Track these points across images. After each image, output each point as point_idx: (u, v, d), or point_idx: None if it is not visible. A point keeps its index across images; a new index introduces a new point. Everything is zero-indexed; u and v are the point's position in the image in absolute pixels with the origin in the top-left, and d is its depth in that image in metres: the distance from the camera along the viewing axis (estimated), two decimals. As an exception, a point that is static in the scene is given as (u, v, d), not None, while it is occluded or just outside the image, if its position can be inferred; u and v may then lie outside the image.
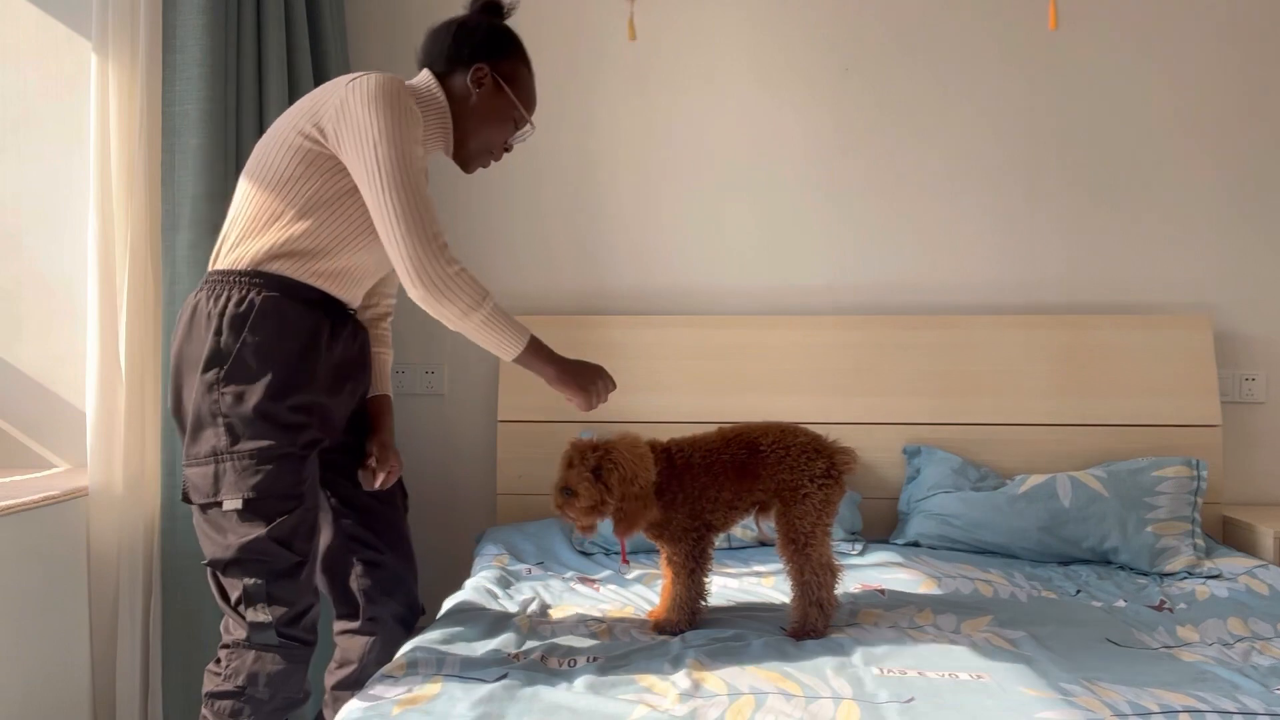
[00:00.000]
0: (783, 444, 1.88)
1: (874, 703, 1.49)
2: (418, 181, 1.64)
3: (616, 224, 2.92)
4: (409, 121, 1.66)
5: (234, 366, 1.65)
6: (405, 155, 1.63)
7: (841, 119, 2.89)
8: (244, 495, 1.63)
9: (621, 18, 2.62)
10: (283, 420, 1.66)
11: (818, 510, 1.86)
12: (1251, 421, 2.85)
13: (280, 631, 1.67)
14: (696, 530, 1.88)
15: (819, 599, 1.84)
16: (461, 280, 1.64)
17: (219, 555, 1.66)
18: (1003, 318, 2.80)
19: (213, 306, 1.68)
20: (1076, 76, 2.86)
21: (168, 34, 2.29)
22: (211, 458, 1.65)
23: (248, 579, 1.65)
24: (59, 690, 2.18)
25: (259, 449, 1.64)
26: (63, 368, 2.43)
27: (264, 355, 1.66)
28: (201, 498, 1.67)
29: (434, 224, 1.64)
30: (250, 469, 1.63)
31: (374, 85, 1.65)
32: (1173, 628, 1.96)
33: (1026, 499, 2.50)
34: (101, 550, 2.27)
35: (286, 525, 1.66)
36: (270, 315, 1.67)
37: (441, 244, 1.64)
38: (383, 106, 1.63)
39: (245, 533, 1.64)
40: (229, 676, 1.68)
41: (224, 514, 1.65)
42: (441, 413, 2.91)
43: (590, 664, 1.67)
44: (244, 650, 1.67)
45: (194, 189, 2.27)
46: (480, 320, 1.67)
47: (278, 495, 1.65)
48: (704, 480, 1.86)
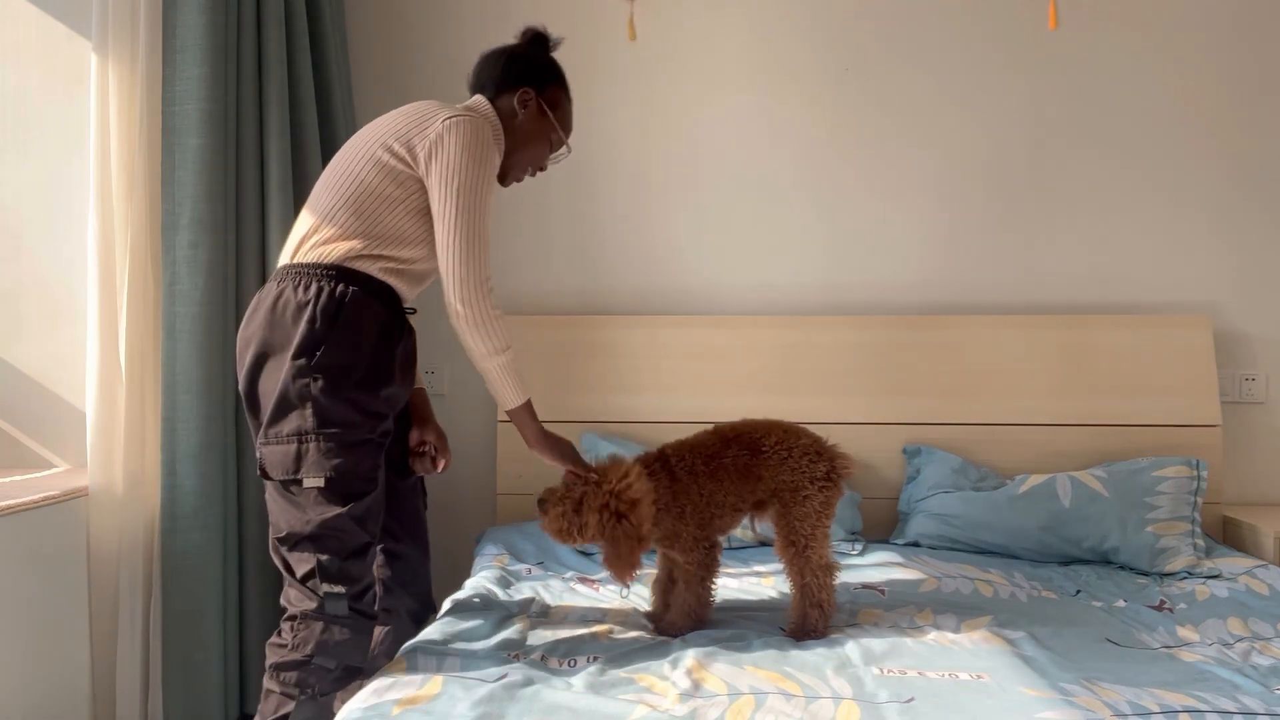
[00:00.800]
0: (785, 445, 1.88)
1: (874, 703, 1.49)
2: (483, 225, 1.80)
3: (616, 224, 2.92)
4: (491, 170, 1.83)
5: (327, 354, 1.73)
6: (480, 201, 1.80)
7: (841, 119, 2.89)
8: (326, 475, 1.71)
9: (621, 18, 2.62)
10: (368, 408, 1.76)
11: (818, 512, 1.86)
12: (1251, 421, 2.85)
13: (351, 605, 1.73)
14: (708, 539, 1.87)
15: (819, 600, 1.84)
16: (498, 324, 1.80)
17: (296, 529, 1.73)
18: (1003, 318, 2.80)
19: (303, 296, 1.76)
20: (1076, 76, 2.86)
21: (168, 34, 2.29)
22: (295, 437, 1.73)
23: (323, 555, 1.72)
24: (59, 690, 2.18)
25: (343, 434, 1.73)
26: (63, 368, 2.43)
27: (355, 346, 1.76)
28: (282, 474, 1.74)
29: (486, 266, 1.80)
30: (333, 451, 1.72)
31: (470, 134, 1.80)
32: (1173, 628, 1.96)
33: (1026, 499, 2.50)
34: (101, 550, 2.27)
35: (362, 506, 1.75)
36: (360, 309, 1.77)
37: (489, 285, 1.80)
38: (475, 155, 1.79)
39: (324, 511, 1.72)
40: (296, 646, 1.72)
41: (304, 491, 1.73)
42: (441, 413, 2.88)
43: (590, 664, 1.67)
44: (312, 621, 1.73)
45: (194, 189, 2.27)
46: (500, 364, 1.82)
47: (358, 477, 1.74)
48: (710, 486, 1.85)
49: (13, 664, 2.05)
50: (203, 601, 2.28)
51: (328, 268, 1.77)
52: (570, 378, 2.77)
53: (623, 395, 2.77)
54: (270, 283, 1.83)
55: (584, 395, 2.78)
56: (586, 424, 2.75)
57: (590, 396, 2.77)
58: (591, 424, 2.75)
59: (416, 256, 1.84)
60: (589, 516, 1.77)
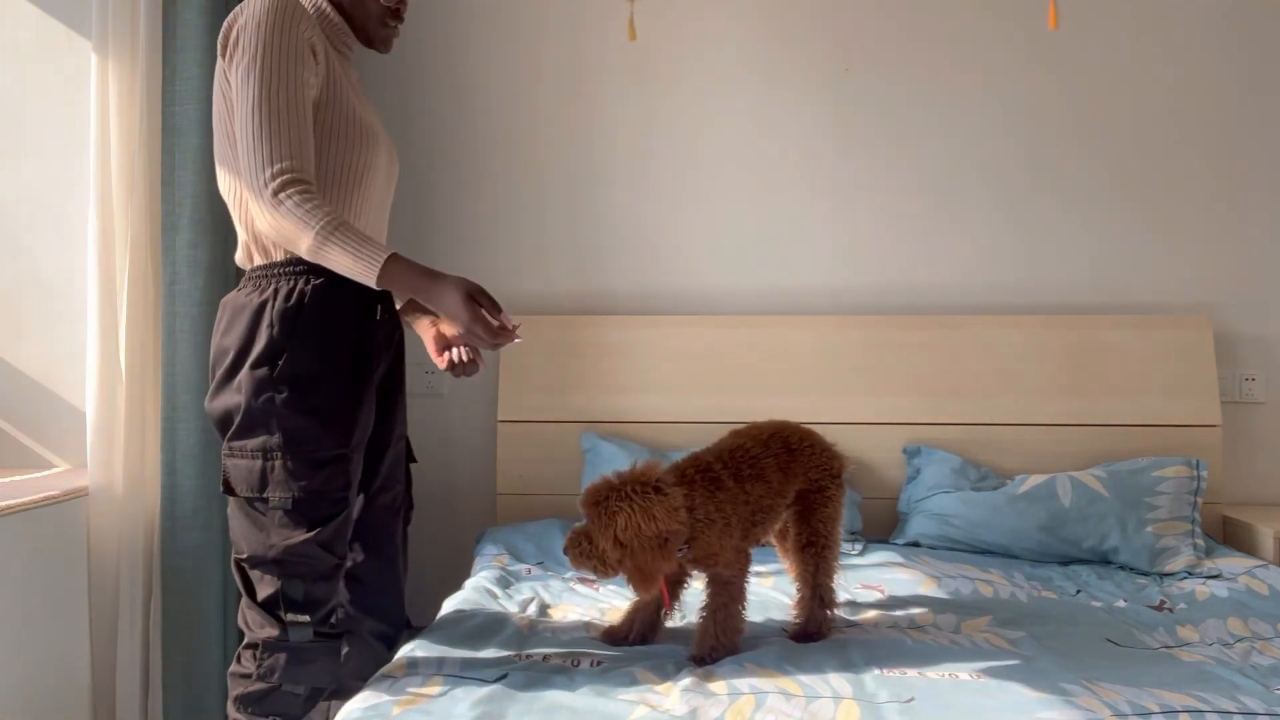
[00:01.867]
0: (808, 442, 1.86)
1: (874, 703, 1.49)
2: (281, 104, 1.58)
3: (616, 224, 2.91)
4: (288, 39, 1.60)
5: (288, 363, 1.61)
6: (274, 76, 1.58)
7: (841, 118, 2.89)
8: (294, 495, 1.60)
9: (621, 18, 2.62)
10: (340, 419, 1.64)
11: (837, 512, 1.86)
12: (1251, 421, 2.85)
13: (316, 630, 1.64)
14: (746, 550, 1.76)
15: (830, 601, 1.84)
16: (296, 211, 1.55)
17: (259, 553, 1.62)
18: (1003, 318, 2.80)
19: (258, 299, 1.64)
20: (1076, 77, 2.86)
21: (168, 34, 2.29)
22: (261, 453, 1.61)
23: (288, 581, 1.61)
24: (59, 690, 2.18)
25: (310, 450, 1.61)
26: (63, 368, 2.43)
27: (321, 351, 1.63)
28: (246, 491, 1.63)
29: (281, 153, 1.57)
30: (300, 471, 1.60)
31: (259, 7, 1.61)
32: (1173, 628, 1.96)
33: (1026, 499, 2.50)
34: (101, 550, 2.27)
35: (329, 530, 1.62)
36: (321, 306, 1.64)
37: (284, 173, 1.56)
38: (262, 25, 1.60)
39: (289, 535, 1.60)
40: (262, 676, 1.63)
41: (269, 511, 1.61)
42: (441, 413, 2.91)
43: (591, 664, 1.67)
44: (276, 651, 1.63)
45: (194, 189, 2.27)
46: (316, 246, 1.55)
47: (326, 499, 1.62)
48: (759, 490, 1.75)
49: (13, 664, 2.05)
50: (203, 601, 2.28)
51: (279, 265, 1.65)
52: (570, 378, 2.77)
53: (623, 395, 2.77)
54: (228, 295, 1.74)
55: (584, 395, 2.78)
56: (586, 424, 2.75)
57: (590, 396, 2.77)
58: (591, 424, 2.75)
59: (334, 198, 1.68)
60: (600, 541, 1.61)
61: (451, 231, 2.90)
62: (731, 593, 1.72)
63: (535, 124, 2.91)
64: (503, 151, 2.92)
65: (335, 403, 1.64)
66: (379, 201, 1.81)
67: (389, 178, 1.85)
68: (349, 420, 1.65)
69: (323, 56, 1.69)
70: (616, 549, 1.60)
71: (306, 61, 1.63)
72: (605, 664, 1.67)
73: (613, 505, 1.61)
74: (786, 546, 1.91)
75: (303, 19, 1.65)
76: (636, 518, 1.59)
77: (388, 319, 1.77)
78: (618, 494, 1.61)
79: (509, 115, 2.91)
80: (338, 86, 1.71)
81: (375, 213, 1.81)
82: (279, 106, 1.58)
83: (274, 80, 1.59)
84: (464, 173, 2.90)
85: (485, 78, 2.89)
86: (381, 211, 1.85)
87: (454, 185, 2.88)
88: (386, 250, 1.57)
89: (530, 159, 2.90)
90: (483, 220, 2.91)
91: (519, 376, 2.79)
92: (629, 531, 1.58)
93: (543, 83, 2.91)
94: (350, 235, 1.56)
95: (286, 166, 1.57)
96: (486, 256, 2.91)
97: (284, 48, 1.60)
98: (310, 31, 1.66)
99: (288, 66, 1.60)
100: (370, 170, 1.75)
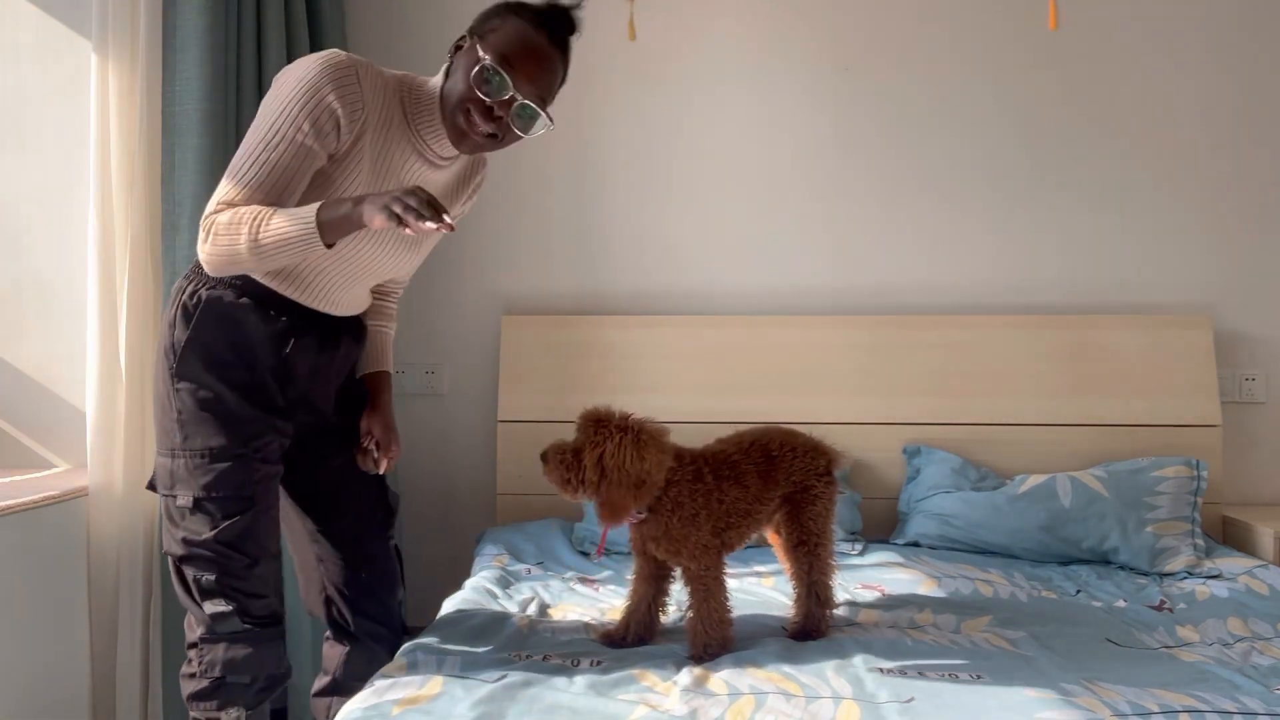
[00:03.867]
0: (789, 446, 1.86)
1: (874, 703, 1.49)
2: (260, 157, 1.52)
3: (616, 224, 2.91)
4: (298, 99, 1.52)
5: (183, 360, 1.63)
6: (270, 133, 1.52)
7: (841, 119, 2.89)
8: (194, 494, 1.62)
9: (621, 18, 2.62)
10: (231, 419, 1.63)
11: (827, 510, 1.86)
12: (1251, 421, 2.85)
13: (243, 619, 1.65)
14: (721, 545, 1.78)
15: (825, 599, 1.84)
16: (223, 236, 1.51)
17: (173, 550, 1.66)
18: (1003, 318, 2.80)
19: (175, 297, 1.66)
20: (1076, 77, 2.86)
21: (168, 34, 2.29)
22: (169, 451, 1.65)
23: (200, 575, 1.63)
24: (59, 689, 2.18)
25: (208, 448, 1.62)
26: (63, 368, 2.43)
27: (209, 351, 1.63)
28: (162, 489, 1.67)
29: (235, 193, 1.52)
30: (202, 467, 1.62)
31: (286, 71, 1.57)
32: (1173, 628, 1.96)
33: (1026, 499, 2.50)
34: (101, 550, 2.27)
35: (236, 528, 1.62)
36: (215, 310, 1.63)
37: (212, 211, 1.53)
38: (283, 83, 1.55)
39: (195, 531, 1.63)
40: (204, 672, 1.65)
41: (178, 508, 1.64)
42: (441, 413, 2.91)
43: (591, 664, 1.67)
44: (211, 644, 1.65)
45: (194, 189, 2.26)
46: (255, 243, 1.50)
47: (227, 497, 1.62)
48: (736, 493, 1.78)
49: (13, 664, 2.05)
50: (203, 601, 2.27)
51: (195, 266, 1.65)
52: (570, 378, 2.77)
53: (623, 395, 2.74)
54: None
55: (584, 395, 2.75)
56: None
57: (590, 397, 2.75)
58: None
59: None
60: (587, 458, 1.64)
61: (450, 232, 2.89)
62: (708, 586, 1.74)
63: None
64: (502, 151, 2.89)
65: (228, 405, 1.64)
66: (347, 278, 1.71)
67: (374, 266, 1.72)
68: (245, 422, 1.64)
69: (356, 132, 1.58)
70: (596, 472, 1.64)
71: (323, 131, 1.54)
72: (605, 664, 1.67)
73: (611, 431, 1.65)
74: (782, 547, 1.92)
75: (346, 89, 1.54)
76: (628, 452, 1.63)
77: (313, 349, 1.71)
78: (619, 425, 1.67)
79: (509, 115, 2.90)
80: (359, 165, 1.61)
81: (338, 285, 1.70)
82: (258, 154, 1.53)
83: (271, 130, 1.53)
84: (464, 173, 2.89)
85: (485, 78, 2.88)
86: (352, 283, 1.73)
87: (454, 185, 2.88)
88: (311, 209, 1.49)
89: (530, 159, 2.90)
90: (482, 220, 2.91)
91: (519, 376, 2.79)
92: (614, 461, 1.63)
93: (543, 83, 2.90)
94: (278, 216, 1.49)
95: (225, 201, 1.54)
96: (486, 256, 2.91)
97: (297, 107, 1.52)
98: (348, 105, 1.55)
99: (288, 124, 1.52)
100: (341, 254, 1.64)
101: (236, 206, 1.53)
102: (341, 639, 1.90)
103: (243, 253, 1.51)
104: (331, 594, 1.88)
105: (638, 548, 1.80)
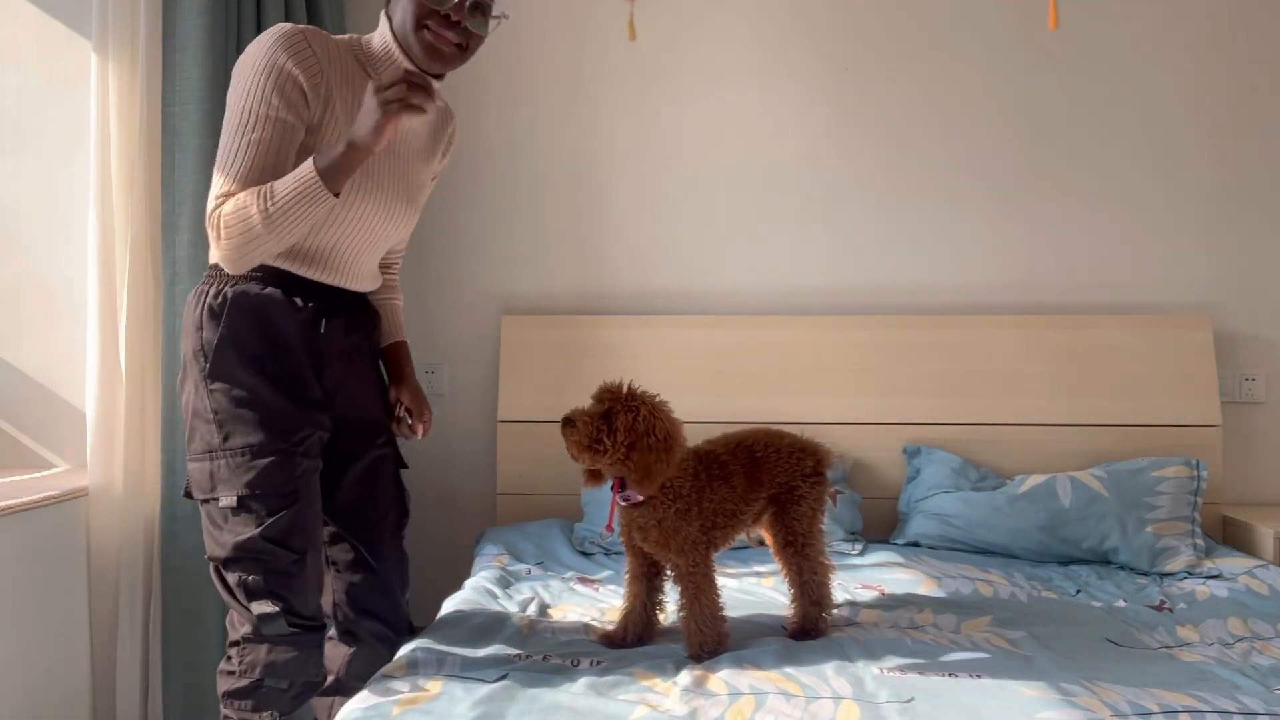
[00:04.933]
0: (774, 447, 1.86)
1: (874, 703, 1.49)
2: (240, 136, 1.57)
3: (616, 224, 2.91)
4: (254, 74, 1.57)
5: (215, 361, 1.64)
6: (242, 112, 1.57)
7: (841, 119, 2.89)
8: (238, 493, 1.62)
9: (621, 18, 2.62)
10: (270, 414, 1.65)
11: (813, 510, 1.86)
12: (1251, 421, 2.85)
13: (290, 620, 1.66)
14: (709, 542, 1.79)
15: (818, 597, 1.84)
16: (234, 218, 1.55)
17: (216, 553, 1.66)
18: (1003, 318, 2.80)
19: (195, 300, 1.69)
20: (1076, 76, 2.86)
21: (168, 34, 2.29)
22: (206, 454, 1.65)
23: (247, 575, 1.64)
24: (59, 690, 2.18)
25: (248, 445, 1.63)
26: (63, 368, 2.43)
27: (243, 346, 1.65)
28: (201, 494, 1.67)
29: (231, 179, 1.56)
30: (243, 466, 1.63)
31: (241, 58, 1.62)
32: (1173, 628, 1.96)
33: (1026, 499, 2.50)
34: (101, 550, 2.27)
35: (281, 523, 1.64)
36: (244, 304, 1.66)
37: (216, 204, 1.57)
38: (240, 70, 1.60)
39: (239, 531, 1.63)
40: (244, 672, 1.67)
41: (220, 510, 1.65)
42: (441, 413, 2.91)
43: (591, 664, 1.67)
44: (255, 644, 1.67)
45: (194, 189, 2.27)
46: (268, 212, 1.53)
47: (271, 493, 1.64)
48: (724, 492, 1.79)
49: (13, 664, 2.05)
50: (203, 601, 2.28)
51: (213, 265, 1.68)
52: (570, 378, 2.77)
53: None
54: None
55: (584, 395, 2.76)
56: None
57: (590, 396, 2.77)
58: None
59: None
60: (620, 420, 1.66)
61: (452, 231, 2.90)
62: (697, 584, 1.74)
63: (535, 124, 2.91)
64: (502, 152, 2.92)
65: (266, 401, 1.65)
66: (354, 244, 1.74)
67: (377, 229, 1.77)
68: (284, 417, 1.66)
69: (323, 95, 1.63)
70: (628, 435, 1.66)
71: (292, 101, 1.59)
72: (605, 664, 1.67)
73: (642, 401, 1.69)
74: (772, 547, 1.91)
75: (301, 55, 1.59)
76: (659, 416, 1.68)
77: (342, 332, 1.76)
78: (642, 396, 1.71)
79: (508, 115, 2.91)
80: (336, 129, 1.65)
81: (347, 252, 1.74)
82: (240, 139, 1.58)
83: (244, 113, 1.58)
84: (464, 172, 2.89)
85: (484, 77, 2.88)
86: (360, 252, 1.77)
87: (454, 185, 2.88)
88: (307, 164, 1.54)
89: (529, 159, 2.90)
90: (483, 220, 2.91)
91: (519, 376, 2.80)
92: (647, 424, 1.66)
93: (542, 82, 2.91)
94: (279, 184, 1.54)
95: (224, 191, 1.57)
96: (487, 257, 2.91)
97: (263, 83, 1.57)
98: (307, 70, 1.60)
99: (258, 102, 1.57)
100: (348, 213, 1.69)
101: (234, 195, 1.56)
102: (346, 640, 1.90)
103: (258, 229, 1.54)
104: (339, 598, 1.89)
105: (627, 541, 1.81)
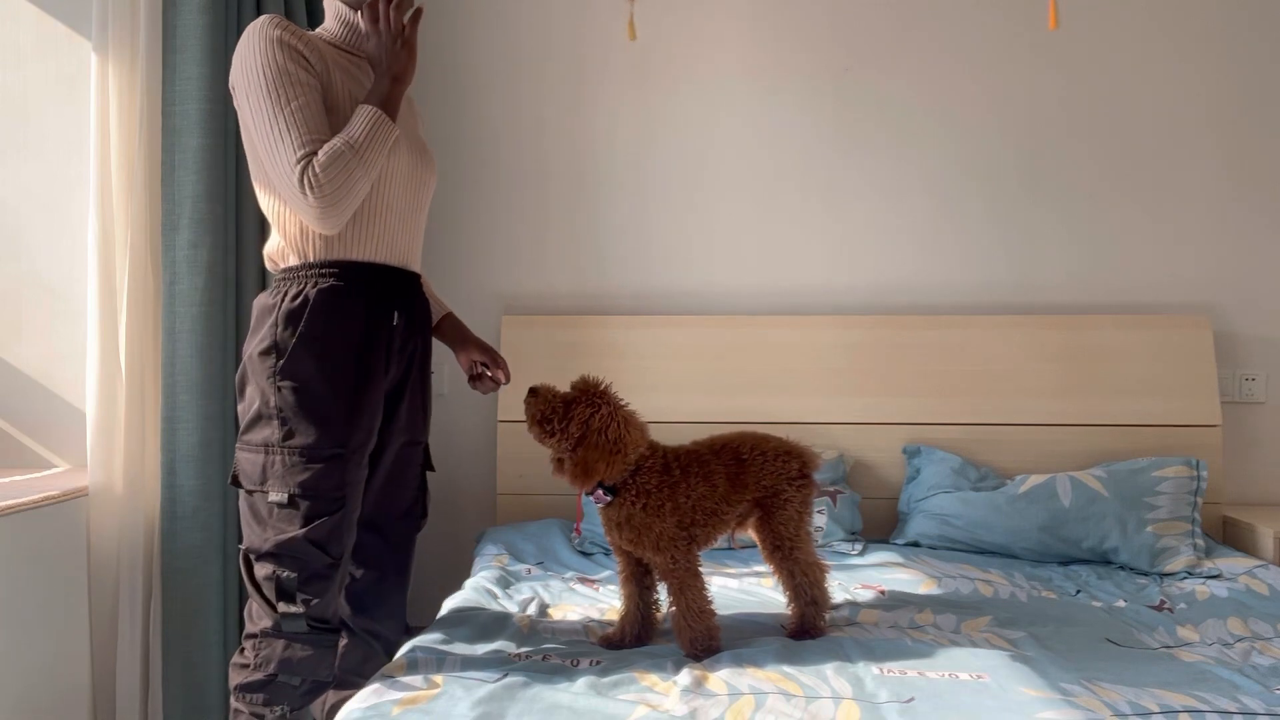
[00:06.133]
0: (759, 450, 1.86)
1: (874, 703, 1.49)
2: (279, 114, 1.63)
3: (616, 224, 2.92)
4: (266, 57, 1.65)
5: (289, 361, 1.67)
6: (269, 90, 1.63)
7: (841, 119, 2.89)
8: (289, 491, 1.66)
9: (621, 18, 2.62)
10: (333, 419, 1.68)
11: (799, 513, 1.85)
12: (1251, 421, 2.85)
13: (310, 622, 1.69)
14: (684, 539, 1.78)
15: (813, 597, 1.83)
16: (332, 170, 1.61)
17: (255, 545, 1.69)
18: (1003, 318, 2.80)
19: (274, 300, 1.72)
20: (1076, 77, 2.86)
21: (168, 34, 2.29)
22: (263, 448, 1.68)
23: (282, 572, 1.67)
24: (59, 689, 2.18)
25: (307, 446, 1.66)
26: (63, 368, 2.43)
27: (322, 348, 1.69)
28: (249, 484, 1.70)
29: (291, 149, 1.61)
30: (299, 466, 1.66)
31: (241, 43, 1.68)
32: (1173, 628, 1.96)
33: (1026, 499, 2.50)
34: (101, 550, 2.27)
35: (325, 527, 1.67)
36: (325, 308, 1.70)
37: (297, 171, 1.61)
38: (244, 53, 1.67)
39: (283, 529, 1.66)
40: (259, 665, 1.69)
41: (267, 505, 1.68)
42: (441, 413, 2.90)
43: (591, 664, 1.67)
44: (273, 639, 1.69)
45: (194, 189, 2.26)
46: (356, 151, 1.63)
47: (321, 496, 1.67)
48: (703, 489, 1.80)
49: (13, 664, 2.05)
50: (203, 601, 2.28)
51: (295, 269, 1.73)
52: (570, 378, 2.75)
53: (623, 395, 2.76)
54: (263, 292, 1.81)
55: (584, 395, 2.77)
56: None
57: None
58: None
59: None
60: (578, 411, 1.74)
61: (452, 231, 2.90)
62: (681, 580, 1.74)
63: (535, 124, 2.91)
64: (503, 151, 2.92)
65: (333, 403, 1.69)
66: (403, 204, 1.81)
67: (414, 184, 1.84)
68: (347, 422, 1.70)
69: (320, 66, 1.71)
70: (579, 428, 1.73)
71: (305, 63, 1.68)
72: (605, 664, 1.67)
73: (606, 401, 1.76)
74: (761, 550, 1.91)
75: (289, 28, 1.69)
76: (615, 419, 1.74)
77: (405, 328, 1.82)
78: (609, 397, 1.78)
79: (509, 115, 2.91)
80: (339, 95, 1.73)
81: (397, 216, 1.80)
82: (285, 112, 1.63)
83: (275, 91, 1.64)
84: (464, 172, 2.90)
85: (485, 77, 2.89)
86: (407, 215, 1.83)
87: (454, 185, 2.88)
88: (359, 107, 1.67)
89: (530, 159, 2.90)
90: (483, 220, 2.91)
91: (519, 377, 2.78)
92: (598, 423, 1.73)
93: (543, 82, 2.91)
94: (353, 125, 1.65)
95: (301, 155, 1.61)
96: (487, 256, 2.91)
97: (275, 59, 1.65)
98: (299, 38, 1.70)
99: (281, 75, 1.64)
100: (390, 169, 1.76)
101: (311, 150, 1.61)
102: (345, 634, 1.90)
103: (352, 164, 1.62)
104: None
105: (612, 543, 1.83)
